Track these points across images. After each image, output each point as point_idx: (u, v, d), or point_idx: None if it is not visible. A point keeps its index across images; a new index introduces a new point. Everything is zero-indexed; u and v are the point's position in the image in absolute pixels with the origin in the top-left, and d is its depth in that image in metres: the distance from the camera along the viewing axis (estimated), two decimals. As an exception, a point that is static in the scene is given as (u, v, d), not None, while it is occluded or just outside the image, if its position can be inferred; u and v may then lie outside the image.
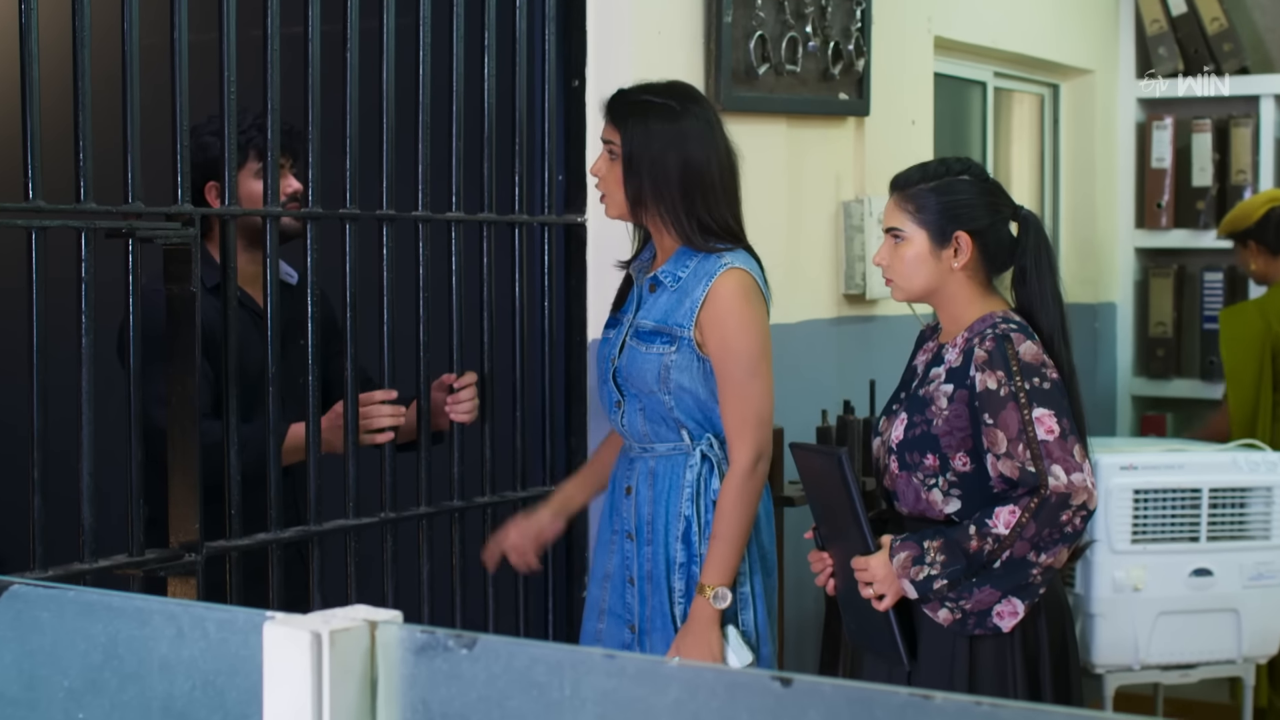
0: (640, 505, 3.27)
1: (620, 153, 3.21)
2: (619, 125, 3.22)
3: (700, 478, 3.22)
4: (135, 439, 2.84)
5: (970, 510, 2.98)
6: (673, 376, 3.20)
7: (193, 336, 2.90)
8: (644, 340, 3.24)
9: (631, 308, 3.32)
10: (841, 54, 4.45)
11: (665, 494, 3.25)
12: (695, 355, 3.19)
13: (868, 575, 2.99)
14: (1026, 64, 5.94)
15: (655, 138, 3.19)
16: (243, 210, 3.11)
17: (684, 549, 3.22)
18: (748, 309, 3.18)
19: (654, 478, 3.26)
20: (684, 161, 3.19)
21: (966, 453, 2.98)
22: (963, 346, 3.02)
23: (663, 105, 3.22)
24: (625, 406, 3.28)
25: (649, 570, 3.26)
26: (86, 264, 2.75)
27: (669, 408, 3.22)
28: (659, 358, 3.21)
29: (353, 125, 3.21)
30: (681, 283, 3.21)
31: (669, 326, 3.20)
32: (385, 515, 3.32)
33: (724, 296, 3.16)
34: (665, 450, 3.26)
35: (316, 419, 3.17)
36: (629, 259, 3.39)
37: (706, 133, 3.23)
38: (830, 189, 4.59)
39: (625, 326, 3.30)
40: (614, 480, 3.38)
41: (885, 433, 3.13)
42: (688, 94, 3.29)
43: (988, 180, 3.11)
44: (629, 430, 3.30)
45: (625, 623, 3.31)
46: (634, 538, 3.28)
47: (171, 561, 2.92)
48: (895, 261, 3.08)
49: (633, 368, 3.24)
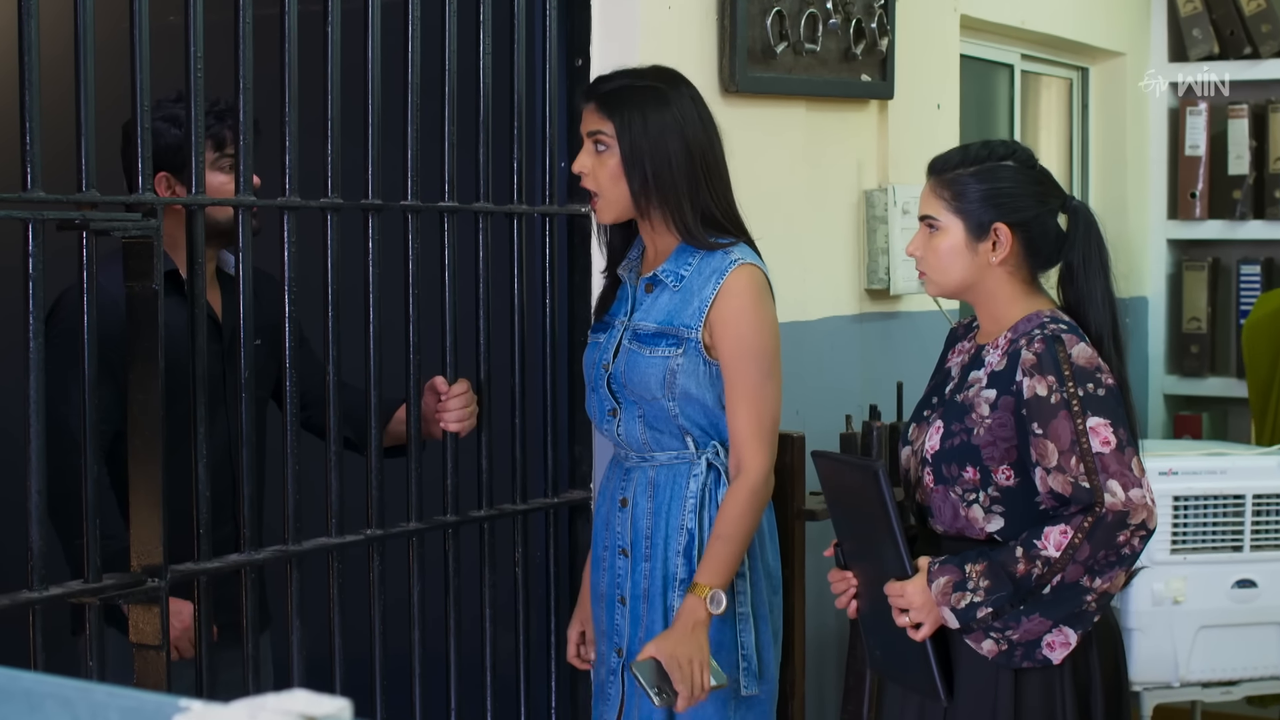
0: (638, 518, 3.06)
1: (614, 144, 3.00)
2: (610, 114, 3.02)
3: (705, 488, 3.01)
4: (91, 451, 2.58)
5: (1014, 529, 2.73)
6: (678, 381, 3.00)
7: (155, 339, 2.64)
8: (645, 343, 3.03)
9: (623, 310, 3.12)
10: (864, 32, 4.23)
11: (666, 506, 3.04)
12: (702, 358, 2.99)
13: (904, 601, 2.73)
14: (1055, 46, 5.77)
15: (653, 124, 2.99)
16: (211, 199, 2.85)
17: (685, 564, 3.00)
18: (762, 308, 3.00)
19: (654, 489, 3.06)
20: (686, 147, 3.00)
21: (1011, 465, 2.72)
22: (1006, 348, 2.76)
23: (652, 89, 3.03)
24: (622, 415, 3.08)
25: (645, 588, 3.03)
26: (34, 259, 2.48)
27: (673, 414, 3.02)
28: (664, 361, 3.00)
29: (334, 107, 2.95)
30: (685, 281, 3.02)
31: (674, 328, 3.01)
32: (371, 532, 3.07)
33: (737, 295, 2.97)
34: (667, 459, 3.05)
35: (297, 424, 2.94)
36: (607, 264, 3.20)
37: (702, 114, 3.06)
38: (851, 177, 4.39)
39: (619, 330, 3.10)
40: (605, 492, 3.16)
41: (917, 441, 2.87)
42: (672, 76, 3.11)
43: (1035, 167, 2.85)
44: (627, 439, 3.09)
45: (613, 646, 3.09)
46: (628, 554, 3.07)
47: (132, 588, 2.65)
48: (928, 253, 2.84)
49: (633, 373, 3.03)
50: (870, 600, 2.85)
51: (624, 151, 3.00)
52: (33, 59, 2.48)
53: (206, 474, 2.77)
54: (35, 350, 2.49)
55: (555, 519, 3.53)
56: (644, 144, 2.99)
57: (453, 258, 3.19)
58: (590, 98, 3.07)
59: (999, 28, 5.27)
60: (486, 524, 3.32)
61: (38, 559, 2.50)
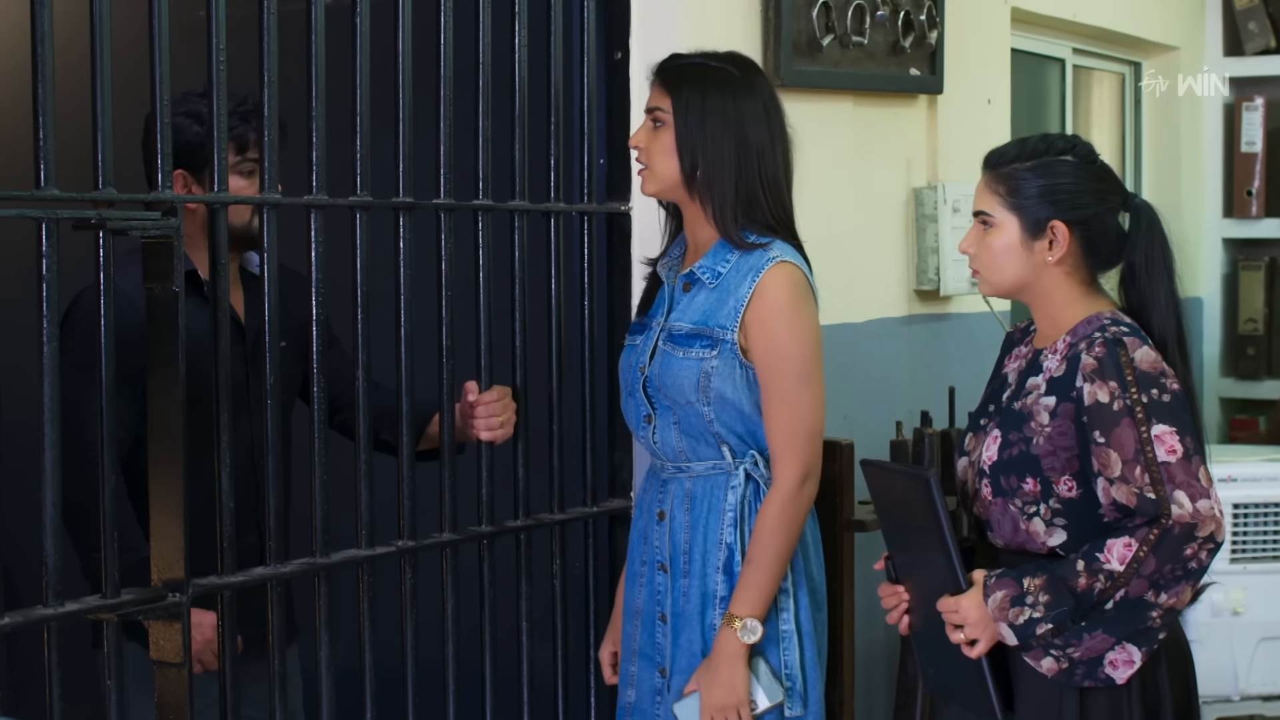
0: (675, 532, 2.95)
1: (669, 121, 2.91)
2: (670, 90, 2.93)
3: (744, 500, 2.91)
4: (108, 460, 2.48)
5: (1078, 542, 2.60)
6: (713, 384, 2.88)
7: (175, 343, 2.55)
8: (679, 344, 2.92)
9: (661, 310, 3.01)
10: (913, 24, 4.15)
11: (704, 519, 2.93)
12: (738, 361, 2.88)
13: (958, 617, 2.61)
14: (1107, 39, 5.70)
15: (712, 109, 2.89)
16: (234, 198, 2.74)
17: (725, 581, 2.90)
18: (799, 308, 2.88)
19: (691, 501, 2.94)
20: (743, 139, 2.89)
21: (1073, 476, 2.60)
22: (1065, 352, 2.64)
23: (722, 72, 2.93)
24: (657, 421, 2.97)
25: (684, 606, 2.92)
26: (49, 259, 2.38)
27: (708, 420, 2.90)
28: (697, 363, 2.89)
29: (363, 101, 2.85)
30: (723, 279, 2.90)
31: (709, 328, 2.90)
32: (403, 544, 2.97)
33: (773, 294, 2.86)
34: (703, 470, 2.94)
35: (324, 430, 2.83)
36: (657, 255, 3.10)
37: (769, 110, 2.95)
38: (900, 174, 4.32)
39: (655, 331, 2.99)
40: (643, 504, 3.06)
41: (974, 452, 2.74)
42: (750, 66, 3.01)
43: (1095, 162, 2.73)
44: (662, 448, 2.98)
45: (656, 665, 2.99)
46: (667, 569, 2.96)
47: (153, 603, 2.55)
48: (982, 250, 2.73)
49: (667, 375, 2.92)
50: (923, 616, 2.73)
51: (678, 130, 2.91)
52: (46, 51, 2.38)
53: (230, 483, 2.67)
54: (49, 355, 2.39)
55: (594, 529, 3.43)
56: (699, 126, 2.90)
57: (487, 258, 3.09)
58: (660, 72, 2.99)
59: (1050, 20, 5.21)
60: (523, 534, 3.22)
61: (53, 573, 2.41)
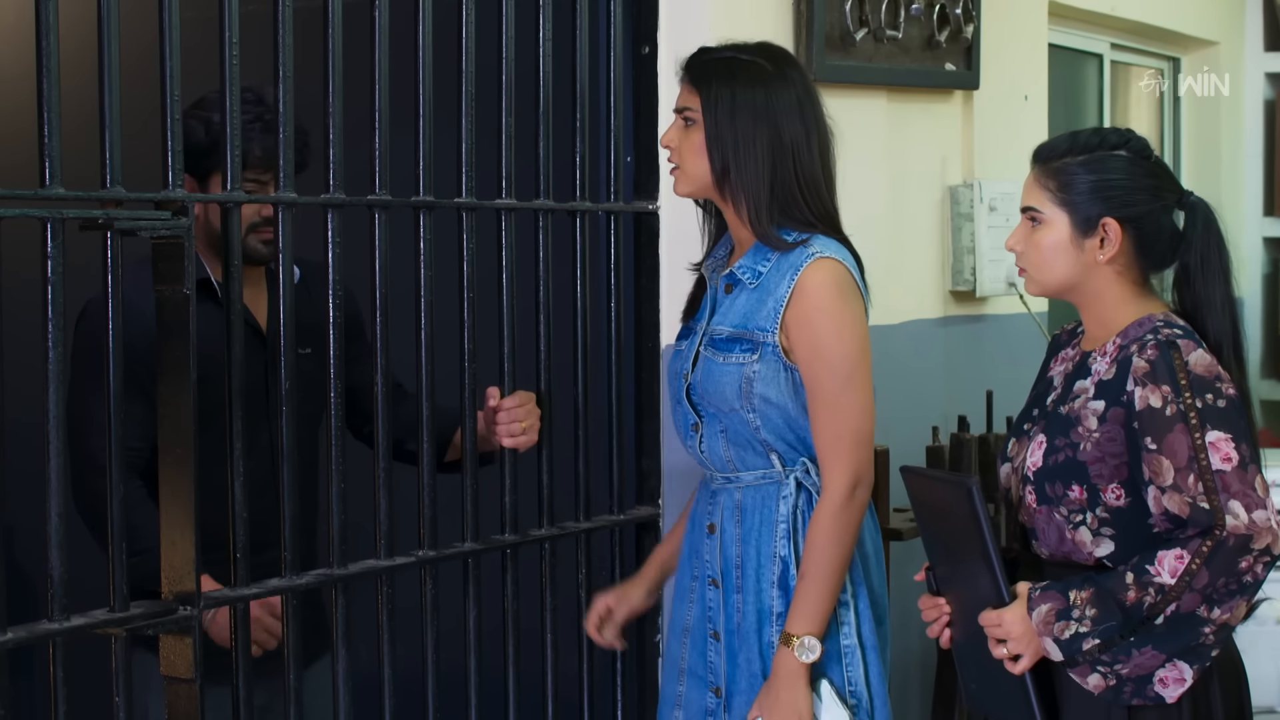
0: (727, 546, 2.84)
1: (699, 120, 2.80)
2: (699, 88, 2.81)
3: (796, 510, 2.79)
4: (115, 469, 2.39)
5: (1126, 554, 2.49)
6: (756, 390, 2.76)
7: (186, 348, 2.46)
8: (720, 349, 2.81)
9: (705, 313, 2.90)
10: (948, 18, 4.09)
11: (755, 531, 2.81)
12: (781, 364, 2.76)
13: (1001, 631, 2.50)
14: (1146, 34, 5.61)
15: (743, 104, 2.77)
16: (248, 197, 2.65)
17: (781, 596, 2.78)
18: (841, 306, 2.75)
19: (741, 512, 2.83)
20: (776, 135, 2.77)
21: (1121, 484, 2.49)
22: (1116, 355, 2.53)
23: (752, 65, 2.80)
24: (704, 430, 2.85)
25: (738, 623, 2.81)
26: (54, 261, 2.30)
27: (754, 427, 2.79)
28: (739, 368, 2.78)
29: (381, 97, 2.77)
30: (763, 279, 2.79)
31: (749, 331, 2.78)
32: (423, 554, 2.88)
33: (813, 292, 2.74)
34: (753, 479, 2.82)
35: (341, 436, 2.75)
36: (701, 257, 2.98)
37: (804, 103, 2.81)
38: (935, 171, 4.25)
39: (699, 335, 2.88)
40: (694, 517, 2.94)
41: (1017, 458, 2.63)
42: (782, 57, 2.88)
43: (1150, 158, 2.62)
44: (710, 458, 2.86)
45: (708, 685, 2.87)
46: (719, 584, 2.84)
47: (163, 617, 2.46)
48: (1030, 248, 2.62)
49: (709, 382, 2.81)
50: (965, 629, 2.62)
51: (708, 129, 2.79)
52: (51, 44, 2.30)
53: (243, 493, 2.59)
54: (55, 361, 2.31)
55: (621, 538, 3.34)
56: (728, 124, 2.78)
57: (511, 259, 3.02)
58: (688, 68, 2.87)
59: (1088, 15, 5.12)
60: (548, 544, 3.14)
61: (58, 586, 2.33)
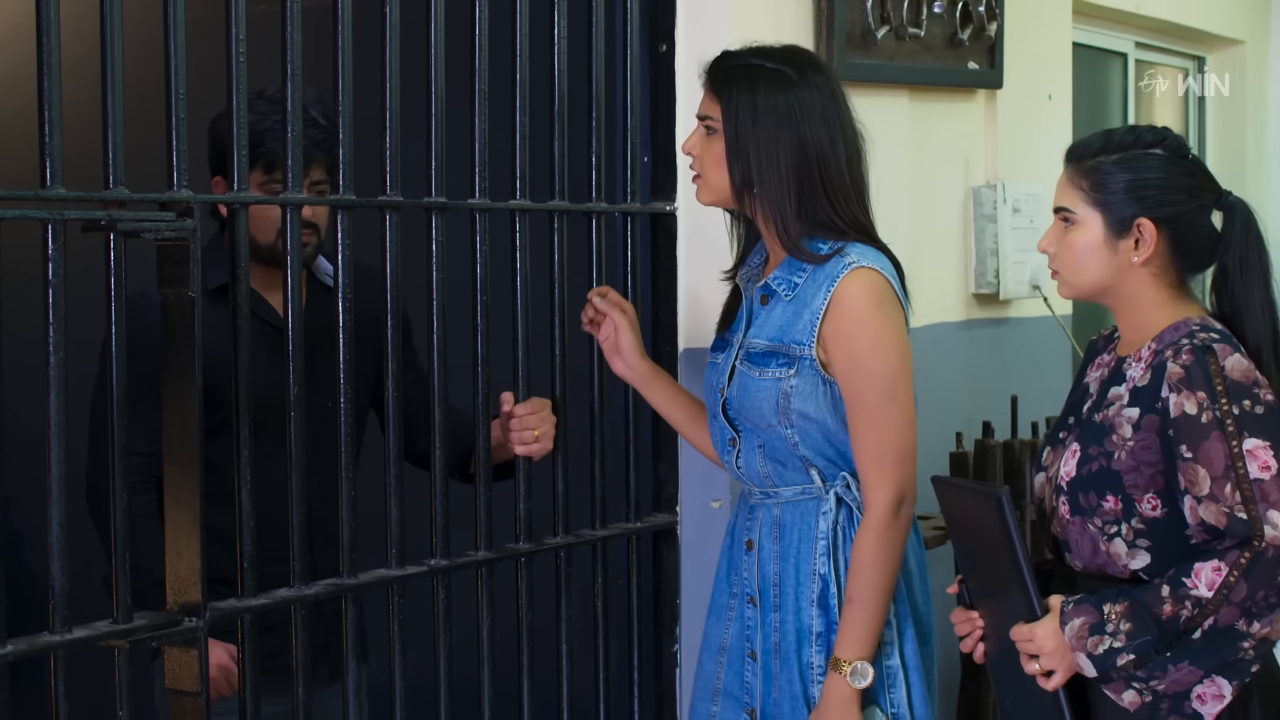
0: (765, 563, 2.78)
1: (720, 129, 2.72)
2: (720, 96, 2.73)
3: (836, 526, 2.72)
4: (119, 478, 2.32)
5: (1162, 565, 2.42)
6: (793, 405, 2.70)
7: (191, 351, 2.39)
8: (756, 363, 2.74)
9: (741, 325, 2.82)
10: (971, 16, 4.03)
11: (795, 548, 2.75)
12: (819, 377, 2.69)
13: (1033, 646, 2.43)
14: (1171, 33, 5.54)
15: (765, 112, 2.69)
16: (256, 197, 2.58)
17: (821, 615, 2.70)
18: (881, 318, 2.67)
19: (780, 529, 2.76)
20: (800, 143, 2.69)
21: (1157, 494, 2.42)
22: (1150, 360, 2.45)
23: (776, 72, 2.72)
24: (741, 445, 2.79)
25: (776, 642, 2.74)
26: (54, 264, 2.22)
27: (793, 443, 2.72)
28: (775, 383, 2.71)
29: (392, 95, 2.70)
30: (799, 290, 2.72)
31: (785, 345, 2.71)
32: (436, 563, 2.80)
33: (851, 303, 2.66)
34: (792, 495, 2.76)
35: (355, 445, 2.69)
36: (733, 266, 2.91)
37: (830, 107, 2.73)
38: (958, 172, 4.18)
39: (734, 348, 2.81)
40: (732, 533, 2.88)
41: (1051, 467, 2.56)
42: (807, 60, 2.80)
43: (1187, 157, 2.55)
44: (748, 473, 2.80)
45: (743, 706, 2.81)
46: (757, 603, 2.77)
47: (167, 628, 2.39)
48: (1063, 250, 2.55)
49: (745, 397, 2.74)
50: (999, 643, 2.55)
51: (729, 140, 2.72)
52: (52, 40, 2.22)
53: (250, 500, 2.52)
54: (56, 367, 2.23)
55: (638, 545, 3.26)
56: (750, 133, 2.70)
57: (525, 261, 2.95)
58: (709, 75, 2.80)
59: (1112, 13, 5.06)
60: (563, 552, 3.06)
61: (59, 597, 2.25)
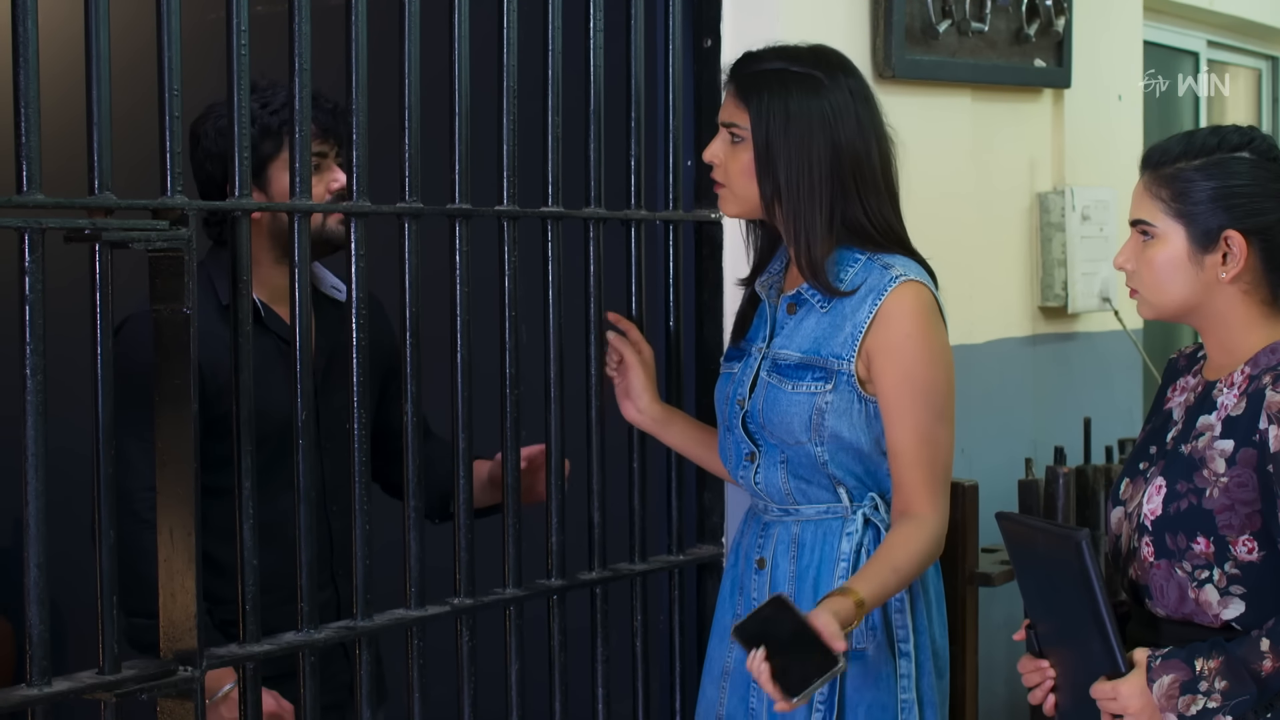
0: (779, 583, 2.66)
1: (747, 138, 2.60)
2: (749, 102, 2.61)
3: (860, 549, 2.59)
4: (105, 514, 2.13)
5: (1259, 616, 2.21)
6: (827, 423, 2.57)
7: (187, 374, 2.22)
8: (787, 376, 2.61)
9: (761, 334, 2.70)
10: (1038, 11, 3.87)
11: (814, 569, 2.62)
12: (856, 395, 2.56)
13: (1118, 706, 2.23)
14: (1244, 31, 5.39)
15: (797, 119, 2.57)
16: (257, 204, 2.41)
17: None
18: (933, 334, 2.56)
19: (798, 548, 2.64)
20: (834, 150, 2.57)
21: (1253, 535, 2.21)
22: (1245, 387, 2.23)
23: (806, 76, 2.60)
24: (761, 460, 2.65)
25: None
26: (31, 276, 2.05)
27: (821, 461, 2.59)
28: (810, 398, 2.57)
29: (412, 95, 2.54)
30: (838, 301, 2.58)
31: (821, 358, 2.58)
32: (459, 602, 2.64)
33: (900, 319, 2.54)
34: (815, 514, 2.63)
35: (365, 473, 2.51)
36: (750, 272, 2.79)
37: (863, 111, 2.61)
38: (1023, 177, 4.03)
39: (756, 358, 2.68)
40: (738, 550, 2.75)
41: (1131, 502, 2.34)
42: (838, 62, 2.67)
43: (1277, 160, 2.32)
44: (766, 489, 2.67)
45: None
46: None
47: (160, 679, 2.20)
48: (1142, 266, 2.33)
49: (773, 411, 2.60)
50: (1073, 696, 2.35)
51: (758, 148, 2.60)
52: (29, 32, 2.06)
53: (253, 537, 2.33)
54: (33, 391, 2.05)
55: (681, 580, 3.10)
56: (782, 142, 2.58)
57: (558, 272, 2.81)
58: (733, 80, 2.67)
59: (1184, 9, 4.92)
60: (599, 588, 2.91)
61: (38, 646, 2.08)
